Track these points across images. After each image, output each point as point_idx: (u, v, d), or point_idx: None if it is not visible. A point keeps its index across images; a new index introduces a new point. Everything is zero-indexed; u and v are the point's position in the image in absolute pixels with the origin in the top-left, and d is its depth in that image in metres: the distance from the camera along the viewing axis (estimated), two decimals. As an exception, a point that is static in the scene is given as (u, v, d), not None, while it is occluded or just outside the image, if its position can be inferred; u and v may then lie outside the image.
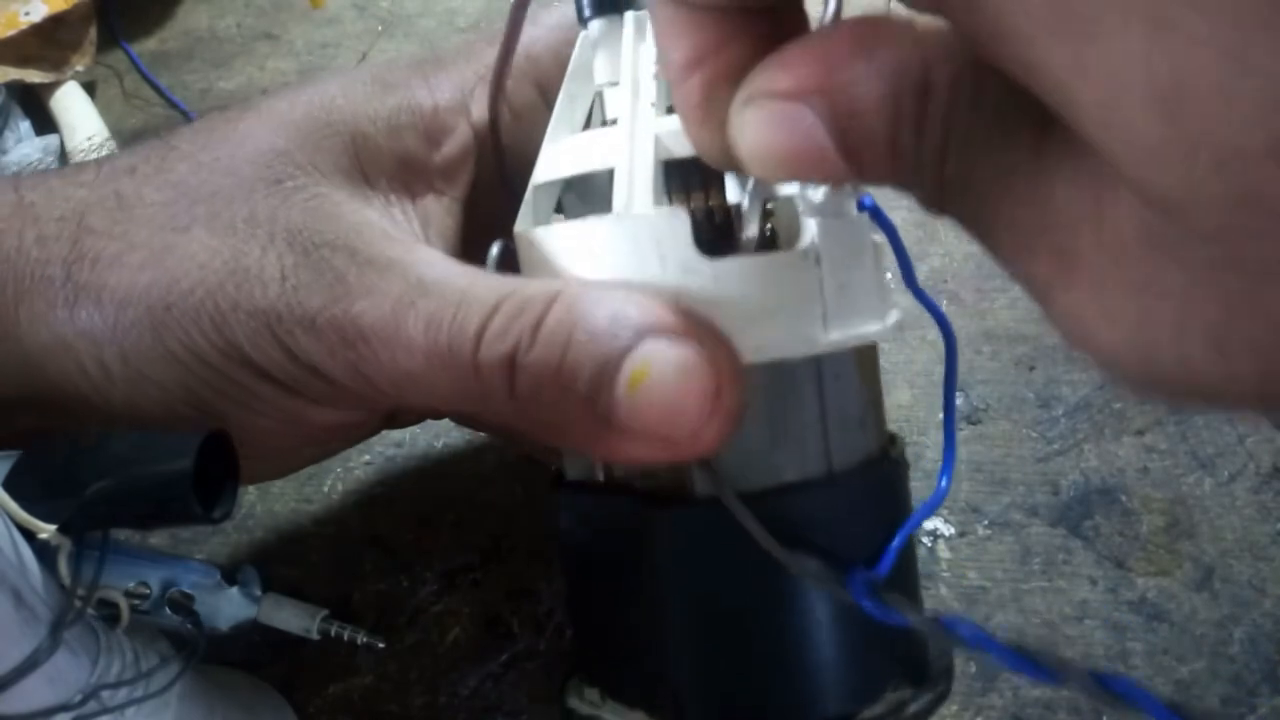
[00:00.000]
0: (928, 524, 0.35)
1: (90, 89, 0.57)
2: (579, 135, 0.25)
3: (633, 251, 0.22)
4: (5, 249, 0.24)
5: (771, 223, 0.24)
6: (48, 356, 0.24)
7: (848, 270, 0.22)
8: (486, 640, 0.34)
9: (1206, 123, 0.10)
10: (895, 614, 0.21)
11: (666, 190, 0.24)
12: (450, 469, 0.39)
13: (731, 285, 0.21)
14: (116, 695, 0.23)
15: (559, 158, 0.24)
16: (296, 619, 0.33)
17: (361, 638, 0.33)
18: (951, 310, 0.42)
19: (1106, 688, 0.18)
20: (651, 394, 0.20)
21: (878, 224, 0.24)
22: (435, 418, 0.36)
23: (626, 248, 0.22)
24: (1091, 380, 0.39)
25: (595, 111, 0.27)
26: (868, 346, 0.24)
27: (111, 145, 0.52)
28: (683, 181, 0.24)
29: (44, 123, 0.54)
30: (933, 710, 0.24)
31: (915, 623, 0.21)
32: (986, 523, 0.35)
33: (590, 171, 0.24)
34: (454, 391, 0.23)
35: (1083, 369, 0.39)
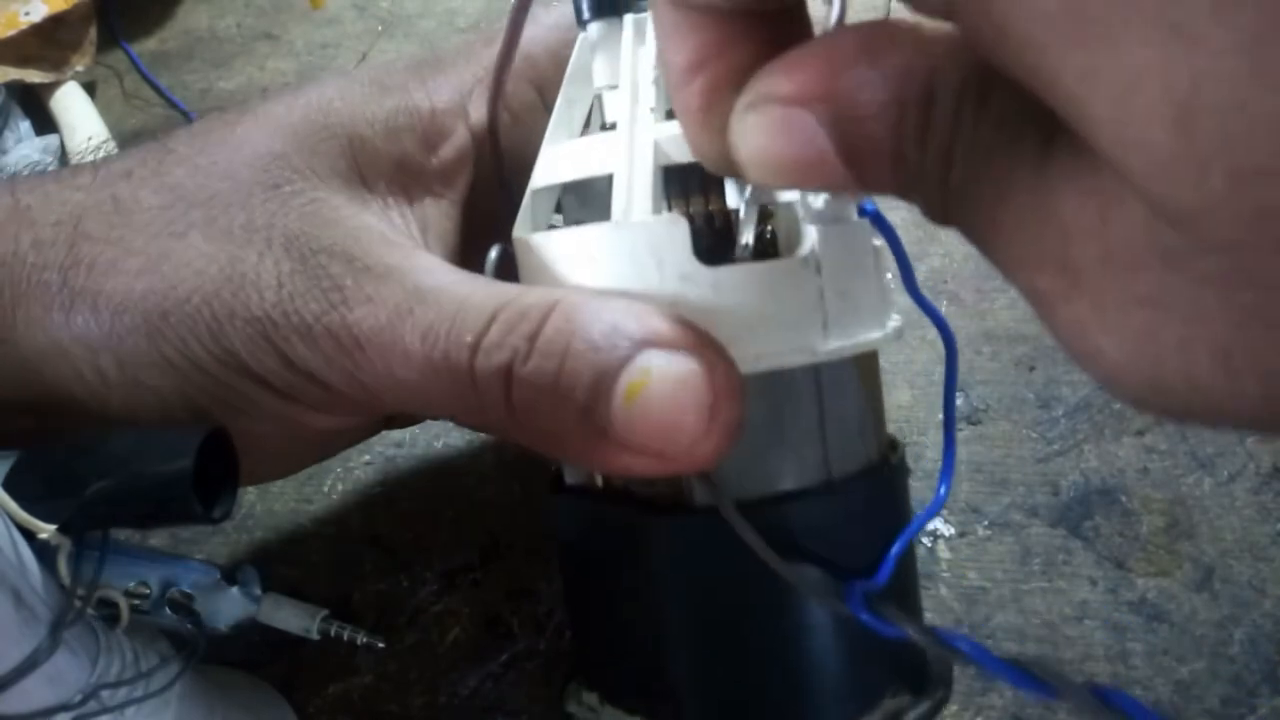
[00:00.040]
0: (927, 524, 0.35)
1: (90, 89, 0.57)
2: (578, 140, 0.25)
3: (631, 259, 0.22)
4: (1, 253, 0.24)
5: (772, 226, 0.24)
6: (44, 361, 0.24)
7: (848, 277, 0.22)
8: (486, 640, 0.34)
9: (1223, 136, 0.10)
10: (893, 627, 0.21)
11: (666, 196, 0.23)
12: (450, 468, 0.39)
13: (731, 293, 0.21)
14: (116, 695, 0.23)
15: (557, 162, 0.24)
16: (296, 619, 0.33)
17: (361, 638, 0.33)
18: (951, 310, 0.42)
19: (1106, 703, 0.18)
20: (648, 407, 0.20)
21: (878, 229, 0.24)
22: (435, 418, 0.36)
23: (625, 255, 0.22)
24: (1091, 381, 0.38)
25: (594, 114, 0.26)
26: (868, 352, 0.24)
27: (111, 145, 0.52)
28: (682, 186, 0.24)
29: (44, 123, 0.54)
30: (932, 717, 0.24)
31: (913, 635, 0.21)
32: (986, 523, 0.35)
33: (589, 177, 0.23)
34: (451, 401, 0.22)
35: (1081, 369, 0.39)
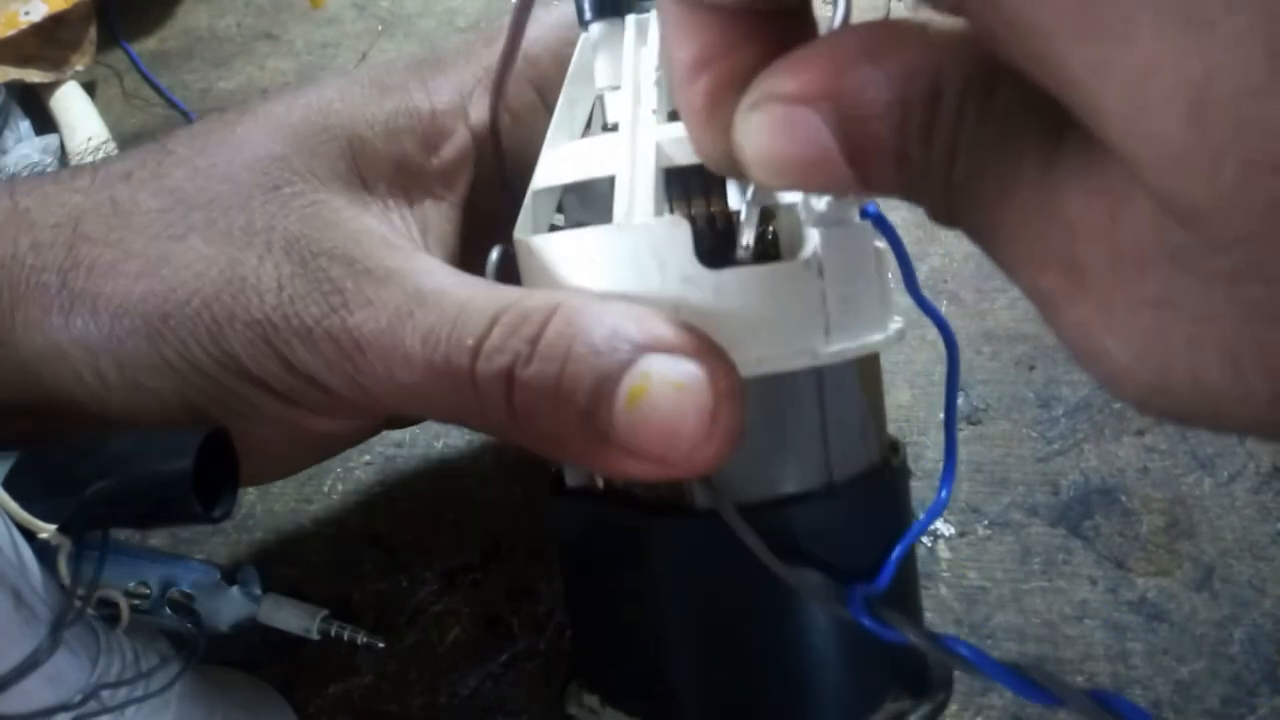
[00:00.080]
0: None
1: (90, 89, 0.57)
2: (579, 141, 0.25)
3: (633, 261, 0.21)
4: (0, 256, 0.24)
5: (773, 228, 0.24)
6: (43, 363, 0.24)
7: (850, 280, 0.22)
8: (486, 640, 0.34)
9: (1238, 127, 0.10)
10: (893, 631, 0.21)
11: (667, 197, 0.23)
12: (450, 469, 0.39)
13: (732, 296, 0.21)
14: (116, 695, 0.23)
15: (559, 164, 0.24)
16: (296, 619, 0.33)
17: (361, 638, 0.33)
18: (951, 310, 0.42)
19: (1105, 707, 0.18)
20: (649, 411, 0.20)
21: (880, 231, 0.24)
22: (436, 421, 0.36)
23: (627, 257, 0.22)
24: (1092, 380, 0.38)
25: (595, 115, 0.26)
26: (870, 355, 0.24)
27: (111, 145, 0.52)
28: (684, 188, 0.23)
29: (44, 123, 0.54)
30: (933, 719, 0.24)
31: (914, 640, 0.21)
32: (986, 523, 0.35)
33: (591, 178, 0.23)
34: (452, 404, 0.22)
35: (1083, 369, 0.39)
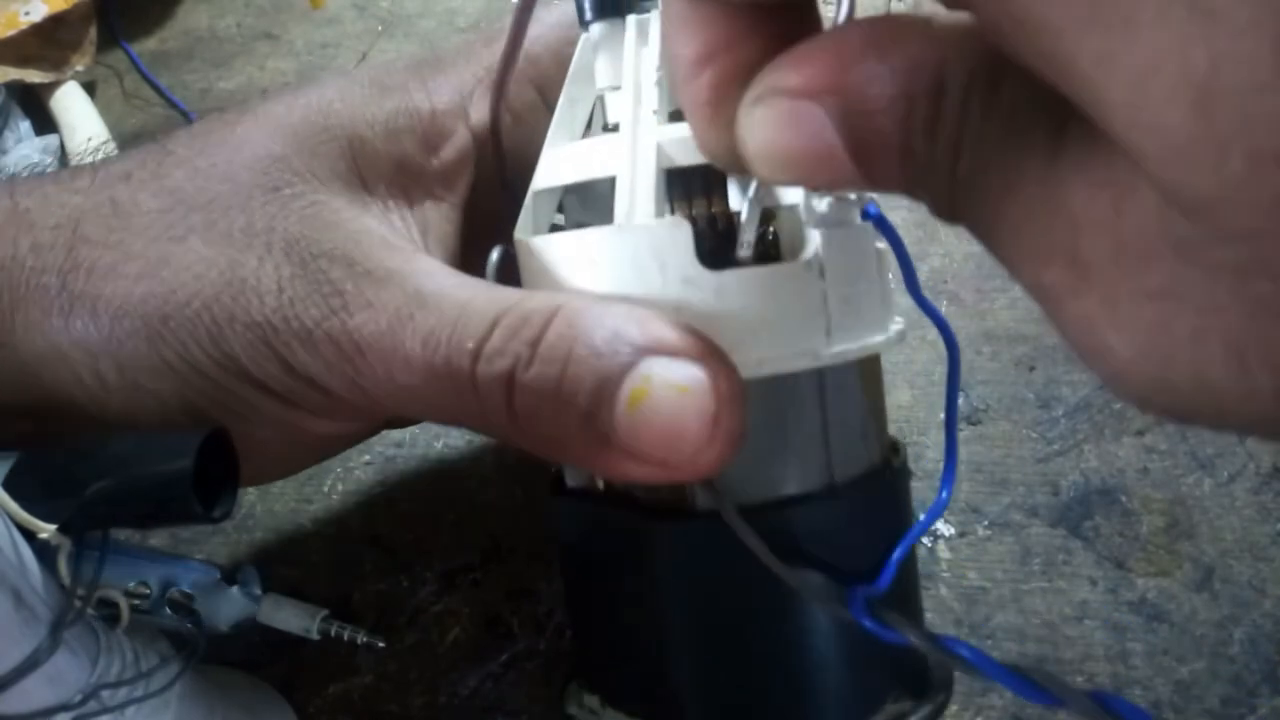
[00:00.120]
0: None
1: (90, 89, 0.57)
2: (580, 142, 0.25)
3: (634, 262, 0.21)
4: (0, 257, 0.24)
5: (774, 228, 0.24)
6: (43, 365, 0.24)
7: (851, 281, 0.22)
8: (486, 640, 0.34)
9: (1244, 118, 0.10)
10: (894, 633, 0.21)
11: (668, 198, 0.23)
12: (450, 469, 0.39)
13: (733, 297, 0.21)
14: (116, 695, 0.23)
15: (560, 164, 0.24)
16: (296, 619, 0.33)
17: (361, 638, 0.33)
18: (951, 310, 0.42)
19: (1106, 708, 0.18)
20: (650, 414, 0.20)
21: (881, 231, 0.24)
22: (436, 423, 0.36)
23: (627, 258, 0.22)
24: (1091, 380, 0.39)
25: (596, 115, 0.26)
26: (871, 356, 0.24)
27: (111, 146, 0.52)
28: (685, 189, 0.23)
29: (44, 123, 0.54)
30: None
31: (914, 641, 0.21)
32: (986, 523, 0.35)
33: (591, 179, 0.23)
34: (452, 406, 0.22)
35: (1083, 369, 0.39)
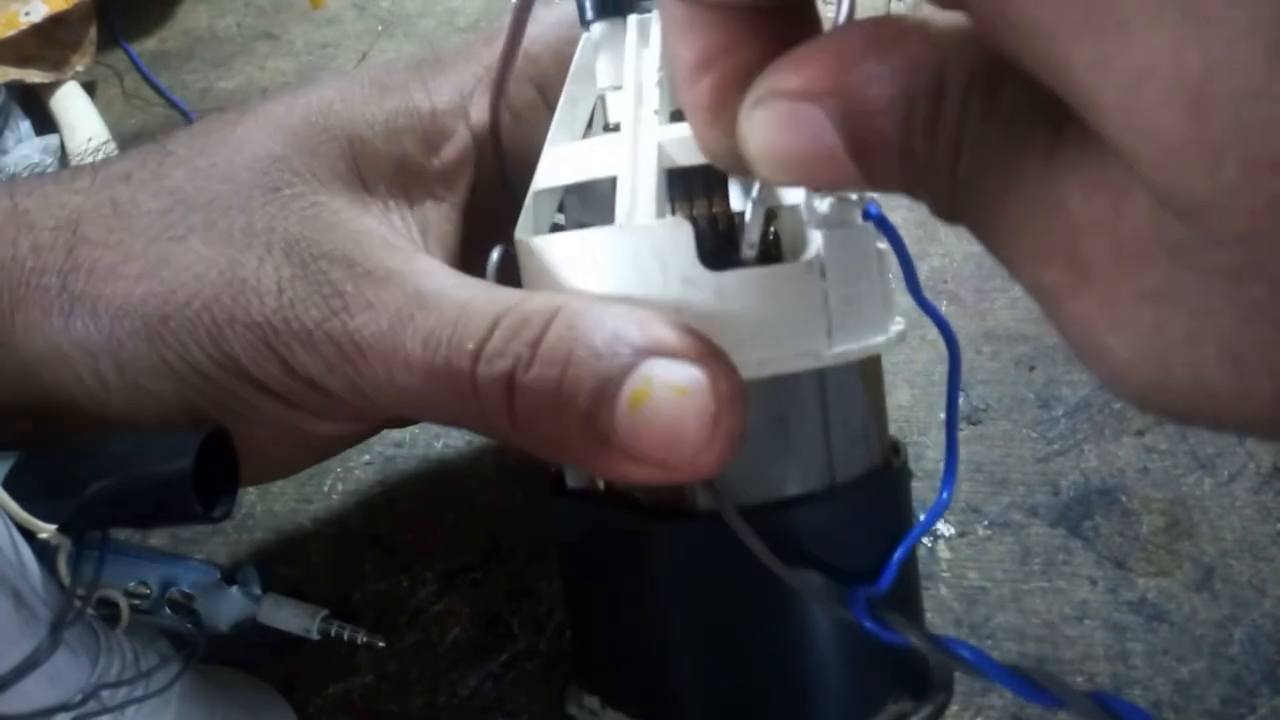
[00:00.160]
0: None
1: (90, 89, 0.56)
2: (581, 142, 0.25)
3: (635, 263, 0.21)
4: (0, 257, 0.24)
5: (775, 228, 0.24)
6: (43, 365, 0.24)
7: (853, 282, 0.22)
8: (486, 640, 0.34)
9: (1237, 123, 0.10)
10: (895, 634, 0.21)
11: (669, 198, 0.23)
12: (450, 469, 0.39)
13: (734, 298, 0.21)
14: (116, 695, 0.23)
15: (560, 164, 0.24)
16: (296, 619, 0.33)
17: (361, 637, 0.33)
18: (951, 310, 0.42)
19: (1106, 709, 0.18)
20: (651, 416, 0.20)
21: (882, 232, 0.24)
22: (436, 424, 0.36)
23: (628, 259, 0.22)
24: (1091, 380, 0.39)
25: (597, 114, 0.26)
26: (872, 356, 0.24)
27: (111, 146, 0.52)
28: (686, 189, 0.23)
29: (44, 123, 0.54)
30: None
31: (915, 642, 0.21)
32: (986, 523, 0.35)
33: (592, 179, 0.23)
34: (452, 407, 0.22)
35: (1083, 369, 0.39)
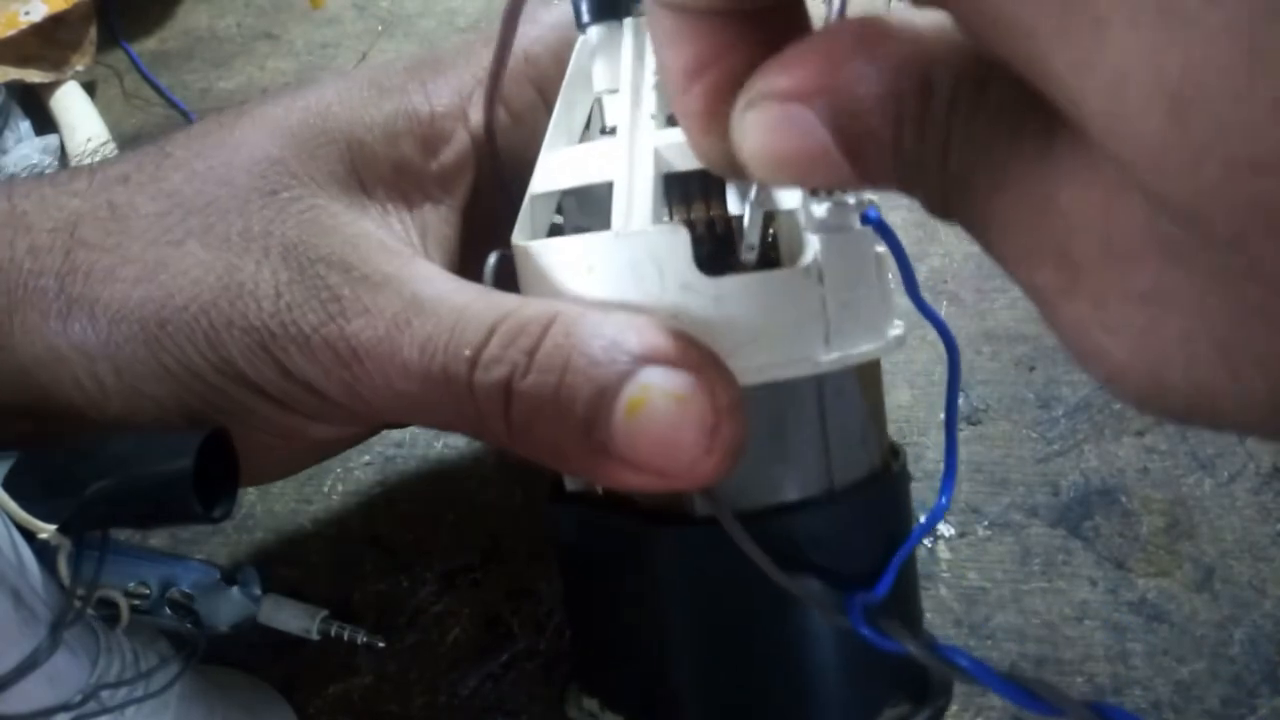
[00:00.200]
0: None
1: (90, 89, 0.56)
2: (577, 147, 0.25)
3: (631, 268, 0.21)
4: None
5: (773, 232, 0.24)
6: (41, 368, 0.24)
7: (851, 286, 0.22)
8: (486, 640, 0.34)
9: (1218, 126, 0.10)
10: (893, 641, 0.21)
11: (666, 202, 0.23)
12: (450, 469, 0.39)
13: (732, 304, 0.21)
14: (116, 695, 0.23)
15: (557, 169, 0.24)
16: (296, 619, 0.33)
17: (361, 638, 0.33)
18: (951, 310, 0.42)
19: (1106, 719, 0.18)
20: (648, 425, 0.20)
21: (880, 236, 0.23)
22: (433, 428, 0.36)
23: (625, 264, 0.21)
24: (1091, 381, 0.39)
25: (594, 117, 0.26)
26: (870, 361, 0.24)
27: (111, 146, 0.52)
28: (683, 193, 0.23)
29: (44, 123, 0.54)
30: None
31: (912, 651, 0.21)
32: (986, 523, 0.35)
33: (589, 184, 0.23)
34: (449, 413, 0.22)
35: (1084, 370, 0.39)
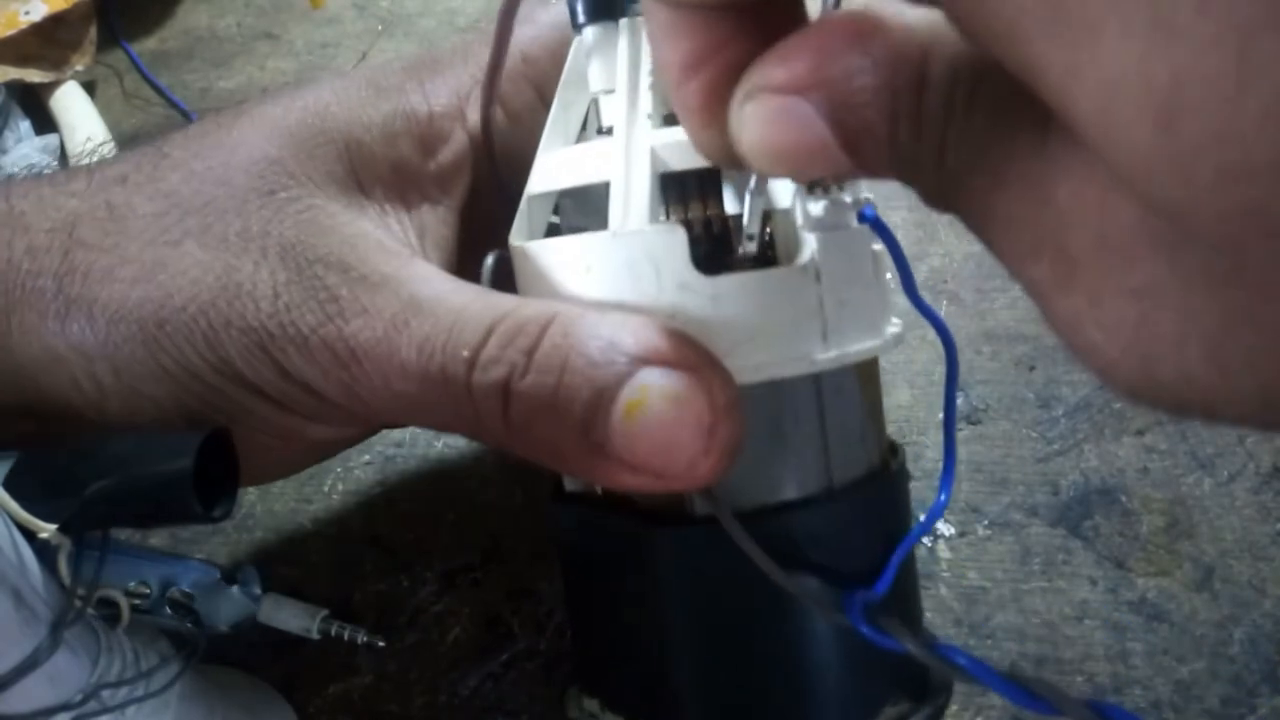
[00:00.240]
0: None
1: (90, 89, 0.56)
2: (574, 147, 0.25)
3: (629, 268, 0.21)
4: None
5: (770, 230, 0.24)
6: (40, 368, 0.24)
7: (848, 285, 0.22)
8: (486, 640, 0.34)
9: (1207, 133, 0.10)
10: (892, 640, 0.21)
11: (663, 202, 0.23)
12: (451, 470, 0.39)
13: (729, 303, 0.21)
14: (116, 695, 0.23)
15: (554, 169, 0.24)
16: (296, 619, 0.33)
17: (361, 637, 0.33)
18: (951, 310, 0.42)
19: (1105, 718, 0.18)
20: (646, 425, 0.20)
21: (878, 234, 0.24)
22: (431, 429, 0.36)
23: (622, 264, 0.21)
24: (1091, 380, 0.39)
25: (591, 118, 0.26)
26: (868, 359, 0.24)
27: (111, 145, 0.52)
28: (679, 192, 0.23)
29: (44, 122, 0.54)
30: None
31: (912, 650, 0.21)
32: (986, 523, 0.35)
33: (586, 184, 0.23)
34: (448, 414, 0.22)
35: (1083, 369, 0.39)
